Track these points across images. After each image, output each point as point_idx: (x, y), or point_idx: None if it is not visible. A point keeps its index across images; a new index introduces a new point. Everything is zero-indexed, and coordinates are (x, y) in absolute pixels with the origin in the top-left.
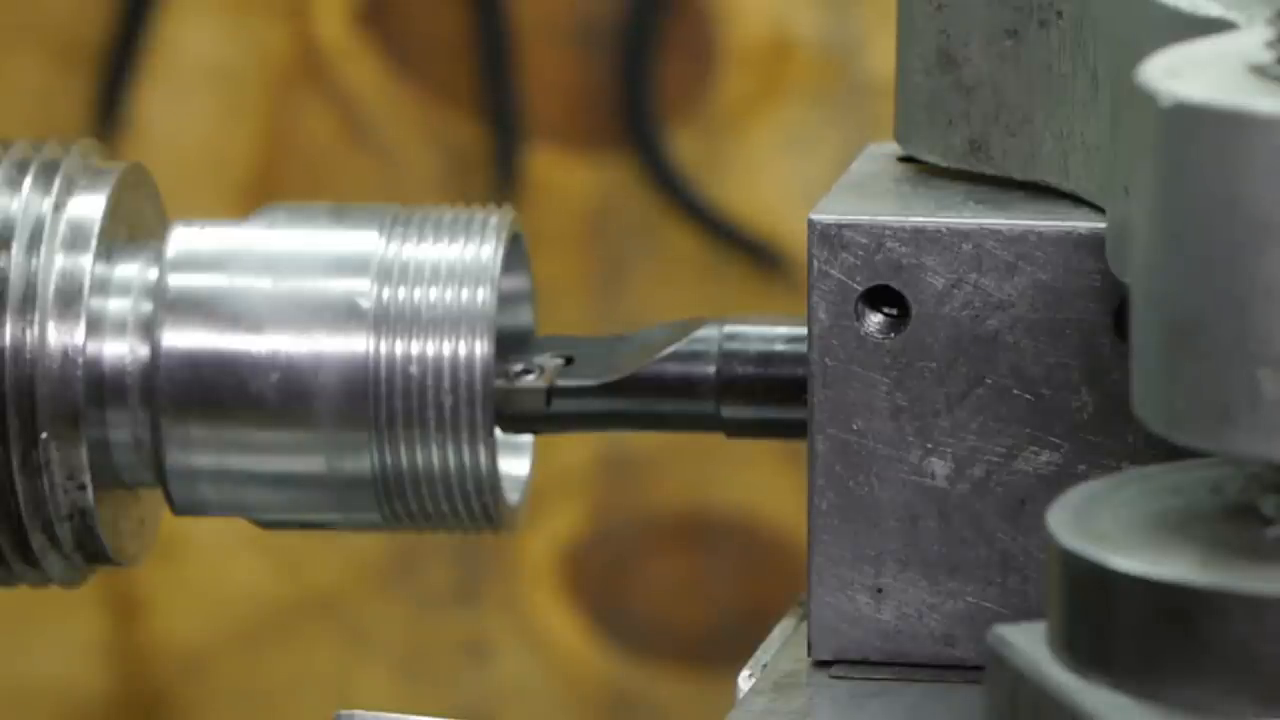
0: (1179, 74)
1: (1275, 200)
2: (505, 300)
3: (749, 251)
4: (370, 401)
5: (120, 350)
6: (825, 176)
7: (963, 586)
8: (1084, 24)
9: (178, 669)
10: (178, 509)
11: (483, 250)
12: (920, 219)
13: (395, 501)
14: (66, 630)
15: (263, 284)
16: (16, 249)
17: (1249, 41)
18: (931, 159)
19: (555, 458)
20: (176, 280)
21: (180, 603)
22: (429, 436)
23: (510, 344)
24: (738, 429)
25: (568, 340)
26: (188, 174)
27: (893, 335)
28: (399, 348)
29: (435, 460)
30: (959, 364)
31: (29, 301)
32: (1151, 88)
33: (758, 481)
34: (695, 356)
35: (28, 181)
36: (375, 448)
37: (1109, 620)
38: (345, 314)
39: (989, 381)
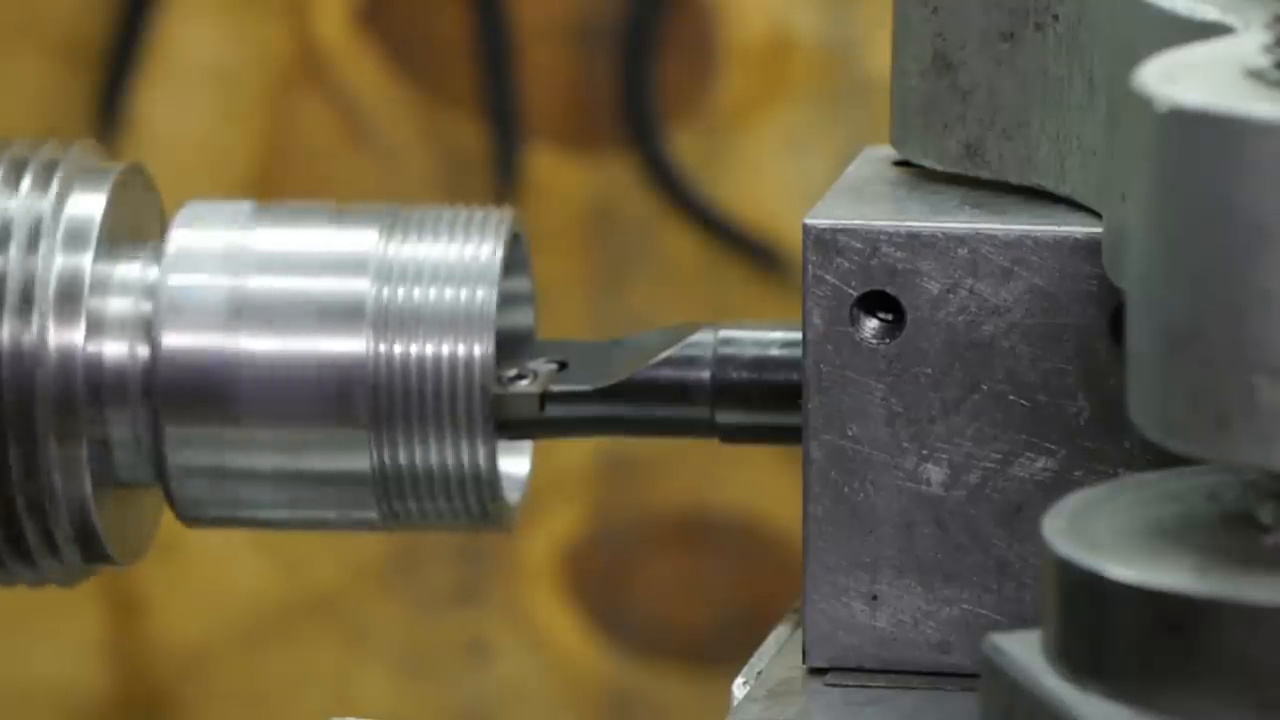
0: (1175, 78)
1: (1272, 206)
2: (506, 301)
3: (749, 251)
4: (369, 401)
5: (120, 350)
6: (825, 176)
7: (958, 593)
8: (1080, 27)
9: (178, 669)
10: (178, 508)
11: (483, 250)
12: (916, 224)
13: (394, 501)
14: (66, 630)
15: (262, 283)
16: (16, 248)
17: (1246, 46)
18: (927, 163)
19: (555, 458)
20: (176, 280)
21: (180, 603)
22: (428, 436)
23: (511, 345)
24: (732, 434)
25: (562, 345)
26: (188, 174)
27: (888, 341)
28: (398, 348)
29: (434, 460)
30: (954, 369)
31: (29, 301)
32: (1148, 92)
33: (758, 482)
34: (690, 361)
35: (27, 181)
36: (374, 447)
37: (1105, 629)
38: (345, 314)
39: (984, 387)
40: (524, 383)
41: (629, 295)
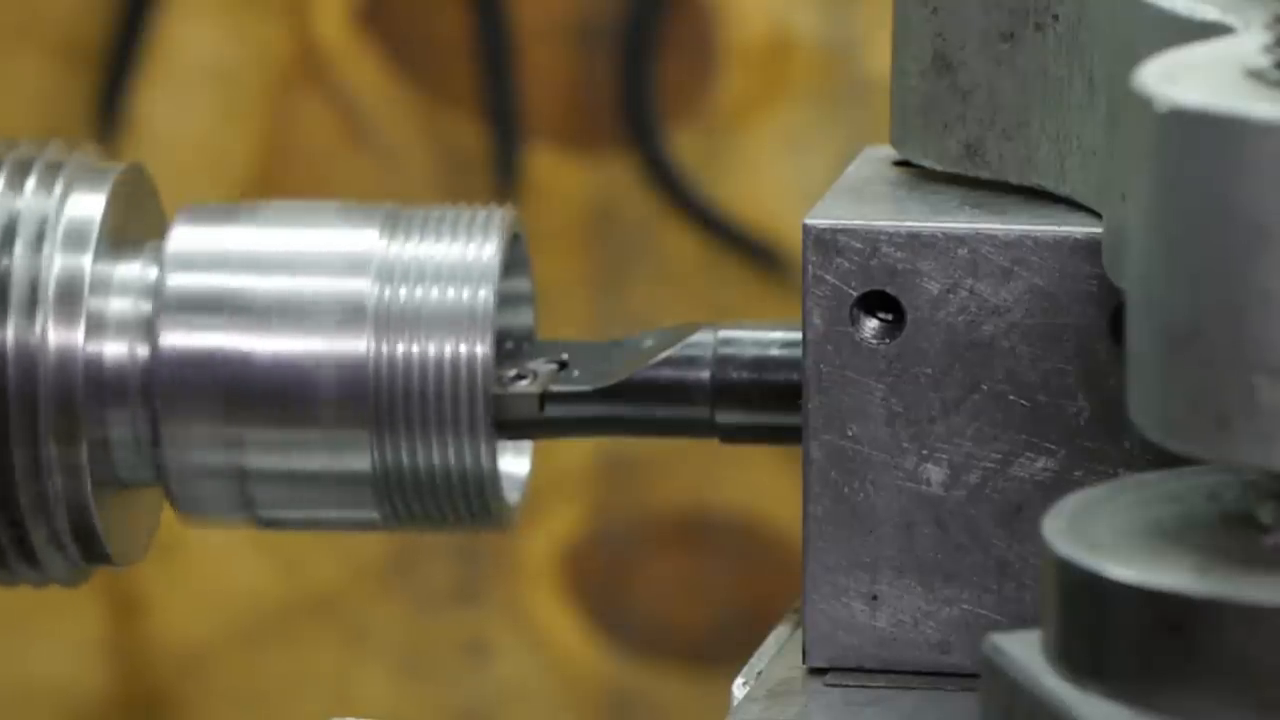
0: (1175, 78)
1: (1272, 206)
2: (506, 301)
3: (749, 251)
4: (370, 401)
5: (120, 350)
6: (825, 176)
7: (958, 593)
8: (1080, 27)
9: (178, 669)
10: (178, 508)
11: (483, 250)
12: (915, 224)
13: (394, 501)
14: (66, 630)
15: (262, 283)
16: (16, 248)
17: (1246, 46)
18: (927, 163)
19: (555, 458)
20: (176, 280)
21: (180, 602)
22: (428, 436)
23: (511, 345)
24: (732, 434)
25: (562, 345)
26: (188, 174)
27: (888, 341)
28: (399, 347)
29: (434, 460)
30: (954, 370)
31: (29, 301)
32: (1148, 92)
33: (758, 482)
34: (690, 361)
35: (27, 181)
36: (374, 447)
37: (1104, 629)
38: (345, 314)
39: (984, 387)
40: (524, 383)
41: (629, 295)
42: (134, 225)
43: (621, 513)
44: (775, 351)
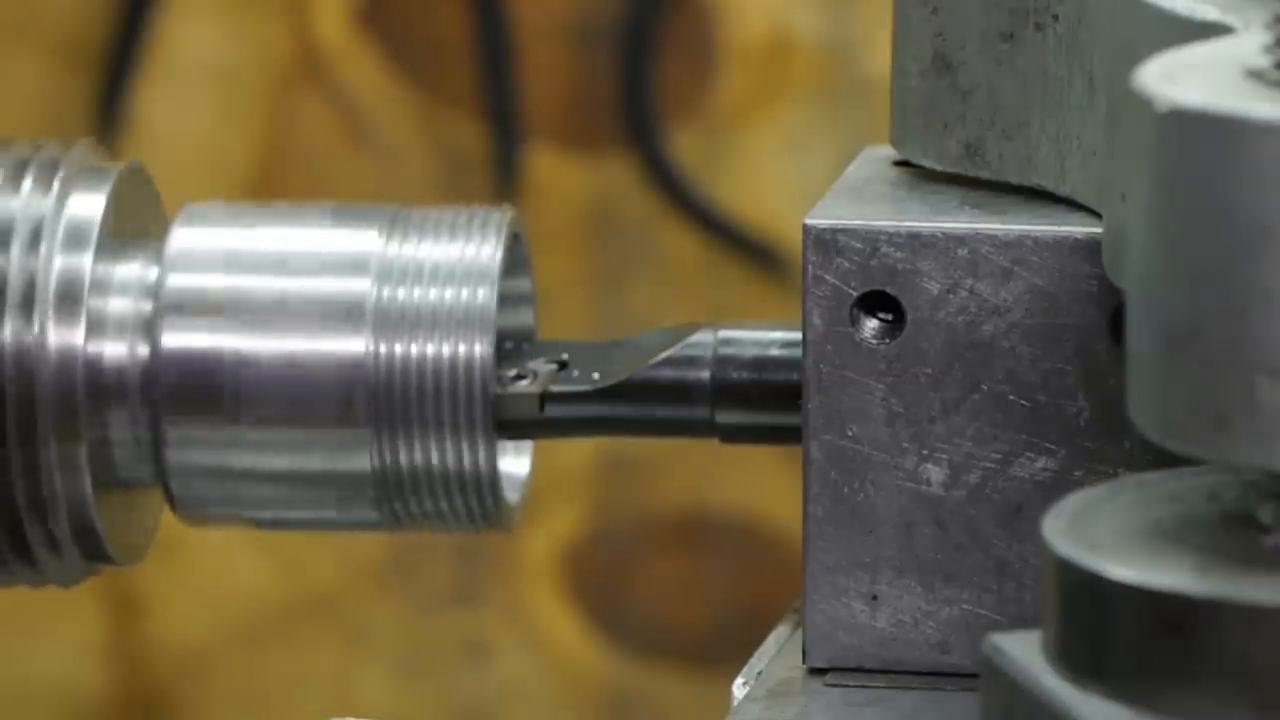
0: (1175, 78)
1: (1272, 206)
2: (506, 301)
3: (749, 252)
4: (369, 401)
5: (120, 350)
6: (825, 176)
7: (958, 593)
8: (1080, 27)
9: (178, 669)
10: (178, 508)
11: (483, 250)
12: (915, 224)
13: (394, 501)
14: (66, 630)
15: (262, 283)
16: (16, 249)
17: (1246, 46)
18: (927, 163)
19: (555, 458)
20: (176, 280)
21: (180, 602)
22: (428, 436)
23: (511, 345)
24: (732, 434)
25: (562, 345)
26: (188, 174)
27: (888, 341)
28: (399, 348)
29: (434, 460)
30: (954, 370)
31: (29, 301)
32: (1148, 92)
33: (758, 482)
34: (690, 361)
35: (27, 181)
36: (374, 447)
37: (1105, 629)
38: (345, 314)
39: (984, 387)
40: (524, 383)
41: (629, 295)
42: (134, 225)
43: (621, 513)
44: (775, 351)
